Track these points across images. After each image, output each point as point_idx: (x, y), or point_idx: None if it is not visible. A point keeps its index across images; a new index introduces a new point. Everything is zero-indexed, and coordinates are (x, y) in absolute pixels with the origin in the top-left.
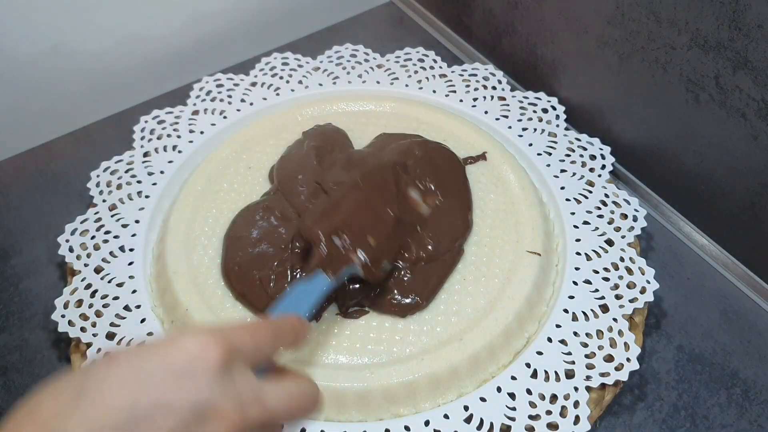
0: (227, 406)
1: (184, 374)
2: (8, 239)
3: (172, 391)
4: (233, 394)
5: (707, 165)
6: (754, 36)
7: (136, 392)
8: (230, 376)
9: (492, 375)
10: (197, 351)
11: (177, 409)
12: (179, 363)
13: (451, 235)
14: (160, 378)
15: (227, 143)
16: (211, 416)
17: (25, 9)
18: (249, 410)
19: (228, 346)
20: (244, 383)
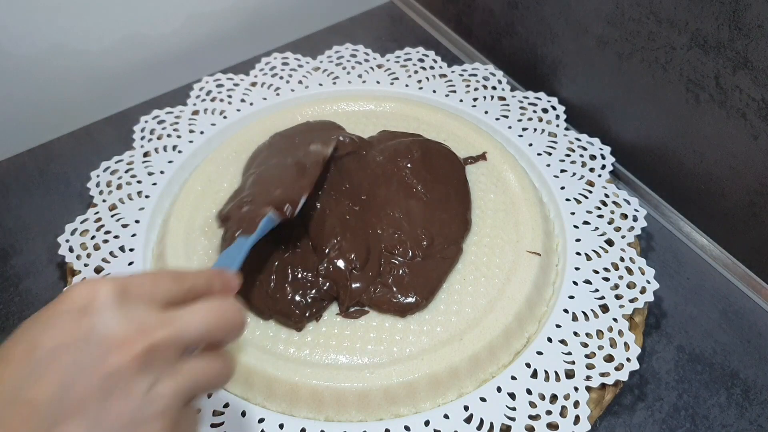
0: (126, 331)
1: (80, 313)
2: (8, 239)
3: (69, 329)
4: (132, 322)
5: (707, 165)
6: (754, 36)
7: (35, 343)
8: (126, 308)
9: (492, 375)
10: (87, 292)
11: (75, 345)
12: (74, 305)
13: (448, 233)
14: (57, 323)
15: (227, 143)
16: (113, 344)
17: (25, 9)
18: (154, 332)
19: (120, 285)
20: (145, 313)
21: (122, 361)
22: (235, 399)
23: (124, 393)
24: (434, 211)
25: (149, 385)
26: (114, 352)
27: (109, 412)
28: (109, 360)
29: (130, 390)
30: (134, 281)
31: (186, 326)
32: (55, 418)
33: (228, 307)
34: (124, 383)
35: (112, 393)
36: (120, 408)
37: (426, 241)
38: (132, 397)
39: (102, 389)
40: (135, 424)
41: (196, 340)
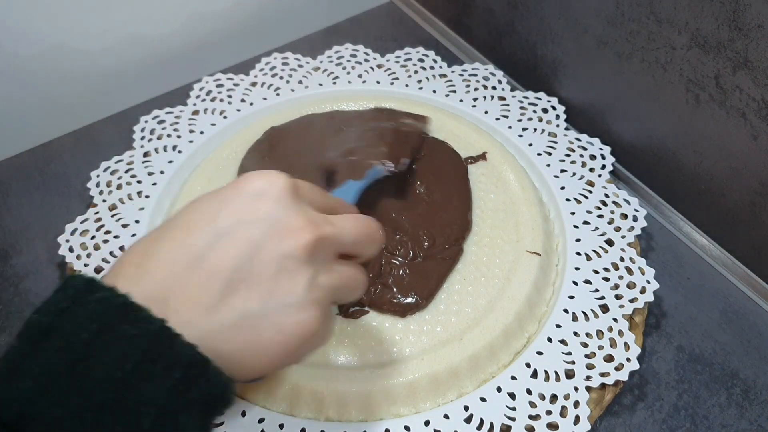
0: (301, 220)
1: (257, 197)
2: (8, 239)
3: (248, 209)
4: (304, 214)
5: (707, 165)
6: (754, 36)
7: (216, 214)
8: (298, 202)
9: (492, 375)
10: (266, 180)
11: (255, 223)
12: (251, 189)
13: (449, 233)
14: (236, 202)
15: (227, 143)
16: (288, 229)
17: (25, 9)
18: (321, 227)
19: (292, 181)
20: (312, 211)
21: (295, 246)
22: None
23: (293, 275)
24: (436, 211)
25: (312, 275)
26: (289, 237)
27: (279, 289)
28: (284, 243)
29: (298, 274)
30: (301, 183)
31: (344, 230)
32: (233, 284)
33: (372, 222)
34: (294, 266)
35: (283, 273)
36: (288, 288)
37: (427, 242)
38: (299, 280)
39: (276, 267)
40: (298, 306)
41: (350, 245)
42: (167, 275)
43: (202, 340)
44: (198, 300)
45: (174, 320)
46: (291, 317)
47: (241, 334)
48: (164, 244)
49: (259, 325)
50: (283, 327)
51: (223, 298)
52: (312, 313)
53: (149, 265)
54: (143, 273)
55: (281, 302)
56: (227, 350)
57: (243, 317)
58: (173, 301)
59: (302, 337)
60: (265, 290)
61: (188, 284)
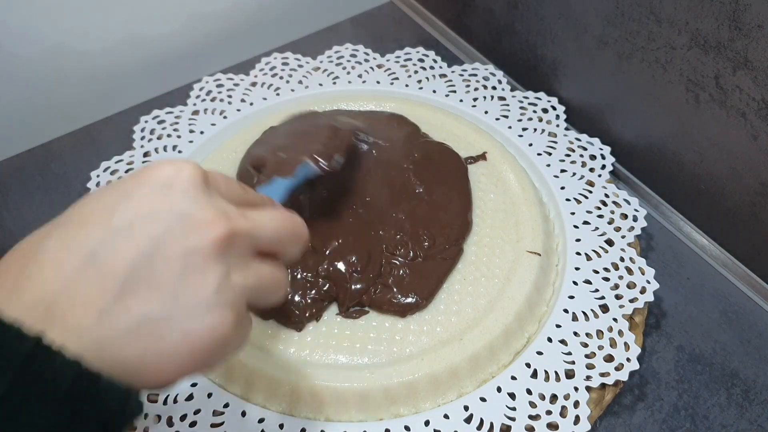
0: (210, 213)
1: (163, 187)
2: (8, 239)
3: (151, 202)
4: (215, 207)
5: (707, 165)
6: (754, 36)
7: (113, 207)
8: (208, 193)
9: (492, 375)
10: (172, 168)
11: (157, 217)
12: (155, 179)
13: (449, 233)
14: (137, 193)
15: (227, 143)
16: (196, 224)
17: (25, 9)
18: (235, 221)
19: (203, 172)
20: (224, 203)
21: (204, 241)
22: (235, 399)
23: (201, 274)
24: (436, 211)
25: (224, 273)
26: (196, 231)
27: (184, 290)
28: (190, 238)
29: (207, 273)
30: (215, 174)
31: (262, 225)
32: (131, 286)
33: (296, 219)
34: (202, 264)
35: (189, 272)
36: (195, 288)
37: (428, 242)
38: (208, 280)
39: (181, 266)
40: (206, 308)
41: (268, 242)
42: (54, 277)
43: (95, 347)
44: (89, 304)
45: (60, 329)
46: (198, 321)
47: (140, 340)
48: (52, 242)
49: (161, 330)
50: (189, 331)
51: (118, 301)
52: (223, 315)
53: (33, 267)
54: (25, 277)
55: (187, 304)
56: (125, 357)
57: (142, 321)
58: (60, 307)
59: (212, 343)
60: (167, 291)
61: (78, 286)
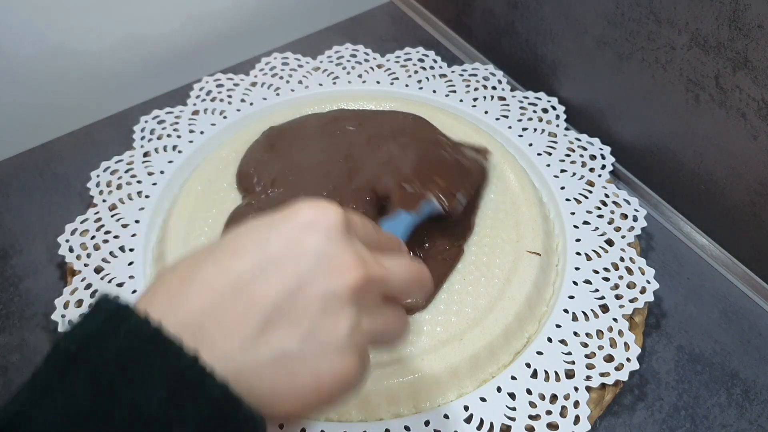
0: (351, 258)
1: (308, 228)
2: (8, 239)
3: (299, 240)
4: (355, 252)
5: (707, 165)
6: (754, 36)
7: (265, 244)
8: (350, 238)
9: (492, 375)
10: (318, 211)
11: (304, 256)
12: (302, 220)
13: (450, 234)
14: (287, 232)
15: (227, 143)
16: (337, 266)
17: (25, 9)
18: (371, 267)
19: (346, 215)
20: (362, 248)
21: (342, 285)
22: None
23: (336, 316)
24: None
25: (357, 317)
26: (337, 275)
27: (321, 330)
28: (332, 280)
29: (342, 315)
30: (354, 217)
31: (394, 272)
32: (274, 319)
33: (423, 269)
34: (338, 307)
35: (327, 312)
36: (330, 329)
37: (428, 243)
38: (342, 322)
39: (320, 306)
40: (338, 350)
41: (398, 289)
42: (207, 302)
43: (236, 375)
44: (236, 332)
45: (208, 352)
46: (330, 362)
47: (276, 373)
48: (207, 268)
49: (295, 366)
50: (320, 371)
51: (261, 333)
52: (351, 359)
53: (189, 289)
54: (182, 298)
55: (321, 344)
56: (260, 388)
57: (280, 355)
58: (210, 332)
59: (338, 384)
60: (306, 329)
61: (228, 314)
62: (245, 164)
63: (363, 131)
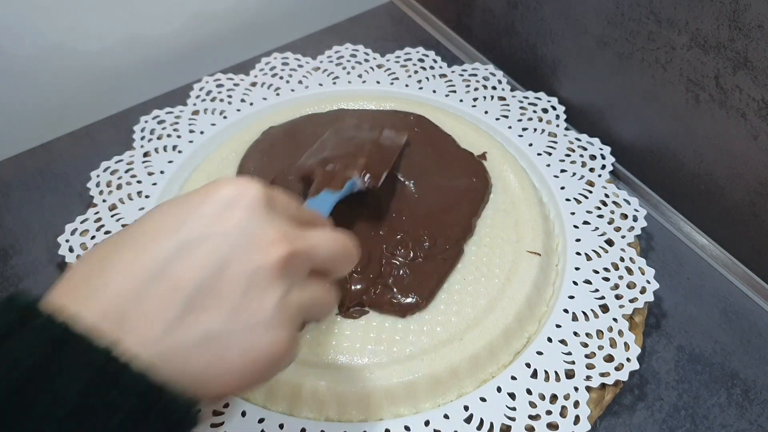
0: (274, 233)
1: (228, 205)
2: (8, 239)
3: (218, 218)
4: (277, 227)
5: (707, 165)
6: (754, 36)
7: (185, 223)
8: (272, 213)
9: (492, 375)
10: (238, 187)
11: (224, 234)
12: (222, 197)
13: (450, 234)
14: (207, 211)
15: (227, 143)
16: (260, 242)
17: (25, 9)
18: (295, 241)
19: (267, 191)
20: (286, 223)
21: (267, 261)
22: (236, 399)
23: (262, 293)
24: (440, 213)
25: (284, 292)
26: (260, 251)
27: (245, 309)
28: (255, 257)
29: (268, 291)
30: (275, 193)
31: (319, 245)
32: (197, 300)
33: (348, 240)
34: (264, 282)
35: (252, 289)
36: (256, 307)
37: (428, 243)
38: (269, 298)
39: (245, 283)
40: (266, 326)
41: (324, 261)
42: (124, 289)
43: (161, 359)
44: (157, 317)
45: (129, 340)
46: (259, 337)
47: (203, 354)
48: (123, 254)
49: (223, 344)
50: (250, 347)
51: (185, 315)
52: (281, 333)
53: (105, 277)
54: (98, 287)
55: (249, 321)
56: (188, 370)
57: (206, 335)
58: (130, 319)
59: (268, 360)
60: (231, 307)
61: (147, 299)
62: (245, 164)
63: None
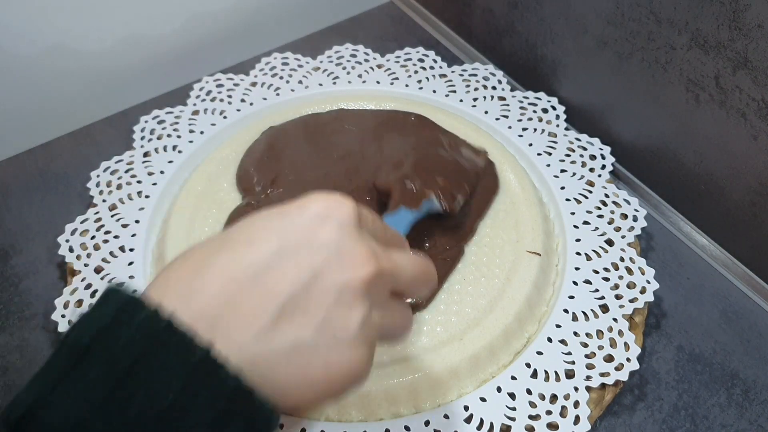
0: (363, 251)
1: (322, 220)
2: (8, 239)
3: (313, 232)
4: (366, 245)
5: (707, 165)
6: (754, 36)
7: (280, 234)
8: (362, 231)
9: (492, 375)
10: (331, 204)
11: (319, 248)
12: (316, 212)
13: (451, 235)
14: (301, 223)
15: (227, 143)
16: (351, 258)
17: (25, 9)
18: (382, 261)
19: (357, 208)
20: (373, 242)
21: (356, 277)
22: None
23: (348, 309)
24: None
25: (368, 311)
26: (350, 268)
27: (333, 323)
28: (345, 273)
29: (354, 308)
30: (364, 211)
31: (403, 267)
32: (288, 310)
33: (430, 264)
34: (351, 300)
35: (339, 304)
36: (343, 321)
37: (428, 242)
38: (354, 315)
39: (334, 298)
40: (349, 343)
41: (406, 284)
42: (221, 292)
43: (251, 365)
44: (251, 322)
45: (222, 343)
46: (342, 353)
47: (289, 364)
48: (221, 257)
49: (308, 357)
50: (333, 362)
51: (276, 323)
52: (362, 351)
53: (203, 279)
54: (195, 288)
55: (334, 335)
56: (273, 378)
57: (294, 346)
58: (224, 322)
59: (348, 376)
60: (319, 320)
61: (242, 304)
62: (245, 164)
63: (363, 131)
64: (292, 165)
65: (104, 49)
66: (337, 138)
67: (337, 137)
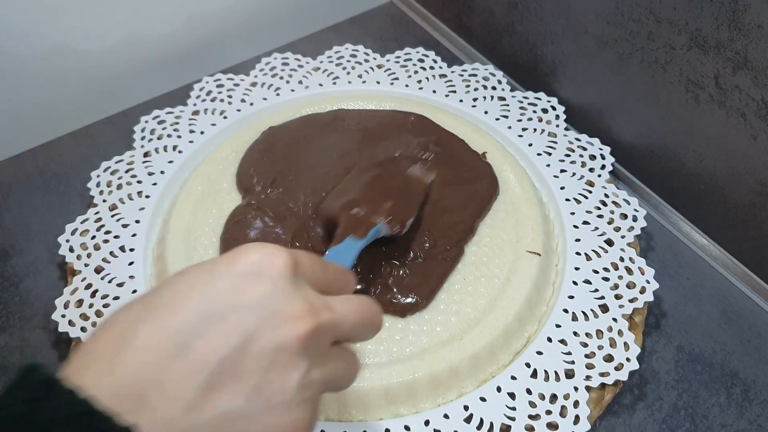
0: (299, 307)
1: (255, 276)
2: (8, 239)
3: (242, 290)
4: (303, 300)
5: (707, 165)
6: (754, 36)
7: (207, 295)
8: (297, 284)
9: (492, 375)
10: (264, 257)
11: (249, 308)
12: (248, 267)
13: (451, 235)
14: (230, 281)
15: (227, 143)
16: (285, 317)
17: (25, 9)
18: (321, 314)
19: (293, 259)
20: (311, 293)
21: (291, 337)
22: None
23: (284, 371)
24: (442, 215)
25: (307, 369)
26: (284, 326)
27: (266, 389)
28: (279, 333)
29: (291, 369)
30: (301, 257)
31: (344, 315)
32: (218, 378)
33: (374, 307)
34: (286, 360)
35: (273, 368)
36: (278, 386)
37: (428, 243)
38: (291, 377)
39: (268, 361)
40: (287, 407)
41: (348, 332)
42: (145, 365)
43: None
44: (178, 396)
45: (149, 419)
46: (279, 419)
47: None
48: (145, 326)
49: (242, 426)
50: (268, 429)
51: (205, 395)
52: (301, 413)
53: (125, 352)
54: (117, 362)
55: (269, 402)
56: None
57: (225, 417)
58: (151, 397)
59: None
60: (252, 387)
61: (168, 377)
62: (245, 164)
63: (363, 131)
64: (292, 165)
65: (104, 49)
66: (336, 138)
67: (336, 137)
